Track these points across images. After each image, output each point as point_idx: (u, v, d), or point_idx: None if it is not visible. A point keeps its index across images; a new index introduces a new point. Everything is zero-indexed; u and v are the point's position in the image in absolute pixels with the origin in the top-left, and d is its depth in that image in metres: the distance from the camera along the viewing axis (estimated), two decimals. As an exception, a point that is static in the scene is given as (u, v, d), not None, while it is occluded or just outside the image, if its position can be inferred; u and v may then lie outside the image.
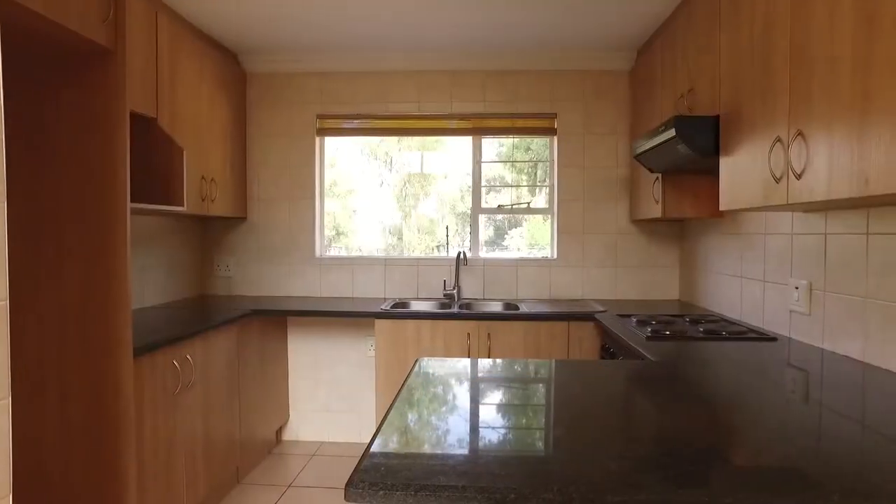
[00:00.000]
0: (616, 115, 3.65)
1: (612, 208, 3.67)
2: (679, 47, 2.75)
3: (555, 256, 3.70)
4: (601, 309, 3.14)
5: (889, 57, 1.33)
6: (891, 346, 1.79)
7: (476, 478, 1.00)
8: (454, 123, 3.72)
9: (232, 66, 3.57)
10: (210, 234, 3.84)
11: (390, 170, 4.00)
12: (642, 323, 2.61)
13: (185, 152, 2.71)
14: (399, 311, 3.13)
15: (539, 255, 3.84)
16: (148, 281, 3.20)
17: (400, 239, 3.99)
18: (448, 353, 3.06)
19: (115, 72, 1.96)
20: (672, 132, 2.30)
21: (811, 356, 2.01)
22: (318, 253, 3.81)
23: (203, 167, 3.16)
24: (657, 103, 3.08)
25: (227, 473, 2.94)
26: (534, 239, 3.93)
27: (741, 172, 2.06)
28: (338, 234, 4.03)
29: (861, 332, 1.93)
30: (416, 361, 1.90)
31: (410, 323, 3.08)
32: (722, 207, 2.22)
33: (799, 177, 1.70)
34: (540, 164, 3.92)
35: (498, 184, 3.89)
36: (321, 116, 3.77)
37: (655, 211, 3.04)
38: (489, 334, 3.06)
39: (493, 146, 3.89)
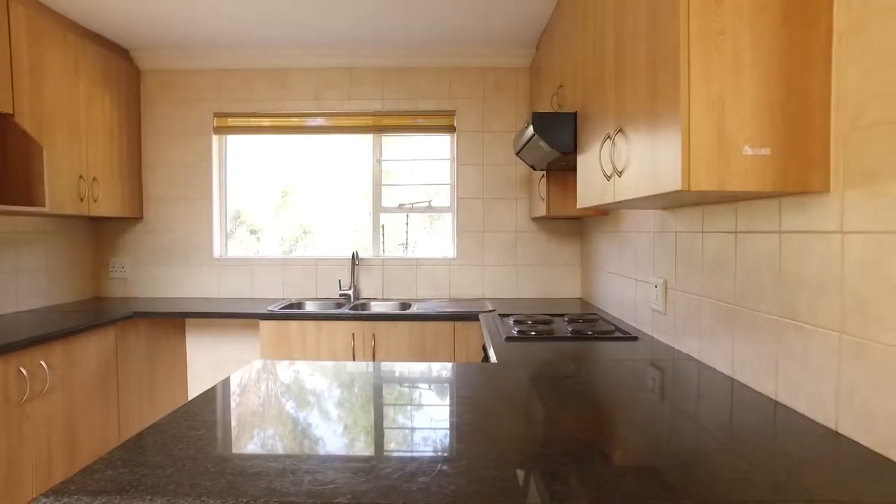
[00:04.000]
0: (515, 111, 3.62)
1: (512, 206, 3.65)
2: (555, 44, 2.74)
3: (455, 255, 3.66)
4: (491, 308, 3.11)
5: (666, 52, 1.32)
6: (717, 344, 1.79)
7: (173, 491, 0.95)
8: (353, 121, 3.66)
9: (121, 62, 3.45)
10: (104, 234, 3.71)
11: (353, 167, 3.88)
12: (519, 323, 2.59)
13: (44, 150, 2.60)
14: (283, 312, 3.05)
15: (438, 254, 3.80)
16: (23, 284, 3.07)
17: (367, 237, 3.89)
18: (332, 355, 3.00)
19: (-75, 65, 1.86)
20: (531, 130, 2.28)
21: (661, 356, 2.00)
22: (216, 254, 3.71)
23: (80, 166, 3.04)
24: (541, 99, 3.07)
25: (103, 482, 2.84)
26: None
27: (587, 170, 2.05)
28: (304, 232, 3.93)
29: (697, 331, 1.93)
30: (251, 363, 1.84)
31: (294, 324, 3.01)
32: (578, 205, 2.21)
33: (620, 174, 1.69)
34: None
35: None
36: (218, 115, 3.67)
37: (542, 209, 3.02)
38: (374, 335, 3.00)
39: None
